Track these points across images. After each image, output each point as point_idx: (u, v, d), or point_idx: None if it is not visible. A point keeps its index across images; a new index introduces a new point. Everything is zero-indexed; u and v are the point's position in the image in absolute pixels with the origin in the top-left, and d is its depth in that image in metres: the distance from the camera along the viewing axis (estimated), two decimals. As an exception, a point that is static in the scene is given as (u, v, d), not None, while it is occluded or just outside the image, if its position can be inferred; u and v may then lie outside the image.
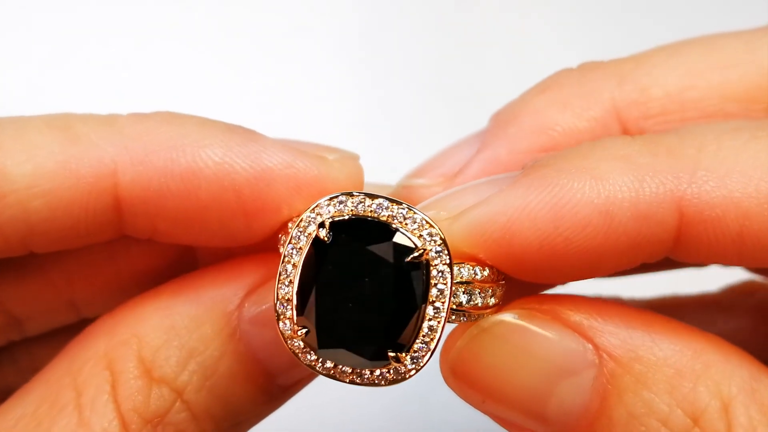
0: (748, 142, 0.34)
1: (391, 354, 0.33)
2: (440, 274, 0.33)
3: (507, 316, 0.35)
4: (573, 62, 0.44)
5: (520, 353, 0.34)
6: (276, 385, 0.37)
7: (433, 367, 0.34)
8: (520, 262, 0.34)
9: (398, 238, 0.33)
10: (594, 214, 0.33)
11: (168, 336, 0.35)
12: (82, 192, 0.35)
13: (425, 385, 0.63)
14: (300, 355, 0.33)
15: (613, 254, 0.33)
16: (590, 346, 0.34)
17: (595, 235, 0.33)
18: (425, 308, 0.33)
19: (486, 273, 0.35)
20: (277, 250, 0.36)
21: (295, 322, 0.33)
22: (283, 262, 0.33)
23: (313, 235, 0.33)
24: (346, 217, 0.33)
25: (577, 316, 0.34)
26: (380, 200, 0.34)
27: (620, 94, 0.39)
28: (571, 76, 0.41)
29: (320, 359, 0.33)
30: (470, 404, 0.36)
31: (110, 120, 0.36)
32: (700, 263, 0.36)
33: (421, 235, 0.33)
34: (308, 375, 0.38)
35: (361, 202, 0.34)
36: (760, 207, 0.33)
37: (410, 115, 0.76)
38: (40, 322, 0.42)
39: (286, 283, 0.33)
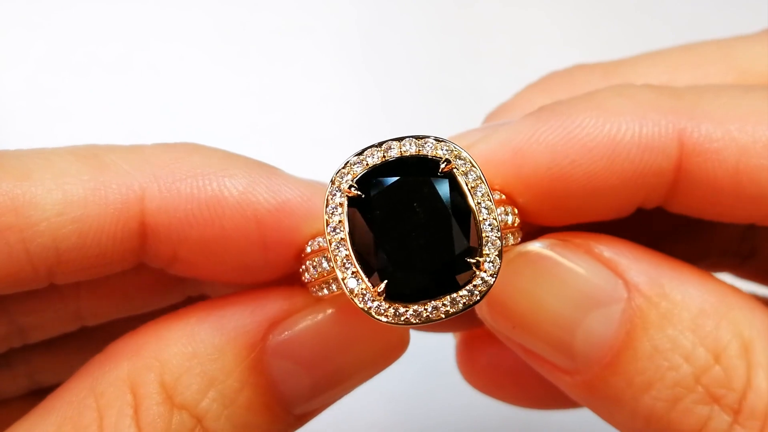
0: (744, 93, 0.36)
1: (472, 260, 0.33)
2: (475, 178, 0.34)
3: (544, 244, 0.36)
4: (574, 63, 0.45)
5: (553, 281, 0.35)
6: (292, 415, 0.37)
7: (432, 367, 0.33)
8: (529, 187, 0.36)
9: (422, 163, 0.34)
10: (600, 137, 0.35)
11: (190, 363, 0.35)
12: (110, 218, 0.35)
13: (425, 387, 0.63)
14: (388, 316, 0.33)
15: (616, 182, 0.35)
16: (620, 281, 0.35)
17: (600, 158, 0.35)
18: (477, 210, 0.34)
19: (509, 219, 0.36)
20: (300, 283, 0.36)
21: (368, 281, 0.33)
22: (330, 244, 0.33)
23: (346, 207, 0.33)
24: (365, 172, 0.34)
25: (609, 252, 0.36)
26: (389, 142, 0.34)
27: (604, 85, 0.40)
28: (560, 74, 0.44)
29: (408, 310, 0.33)
30: (500, 331, 0.37)
31: (136, 149, 0.37)
32: (697, 214, 0.37)
33: (437, 153, 0.34)
34: (324, 404, 0.38)
35: (371, 155, 0.34)
36: (756, 144, 0.34)
37: (411, 115, 0.76)
38: (42, 331, 0.42)
39: (344, 255, 0.33)
